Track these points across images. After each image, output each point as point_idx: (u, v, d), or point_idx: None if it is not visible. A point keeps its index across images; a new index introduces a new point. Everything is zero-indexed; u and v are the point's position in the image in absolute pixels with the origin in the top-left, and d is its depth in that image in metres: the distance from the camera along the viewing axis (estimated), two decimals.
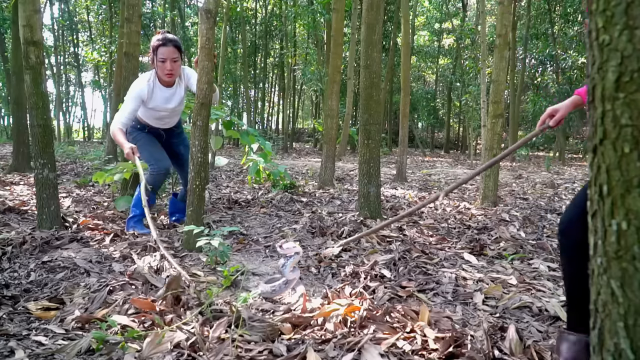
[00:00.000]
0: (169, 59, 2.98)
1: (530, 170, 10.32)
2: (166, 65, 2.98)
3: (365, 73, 3.65)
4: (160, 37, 3.00)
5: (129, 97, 3.01)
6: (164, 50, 2.96)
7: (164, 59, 2.97)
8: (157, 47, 2.97)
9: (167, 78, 3.05)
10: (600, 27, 0.78)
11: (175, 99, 3.18)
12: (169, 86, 3.14)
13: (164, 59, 2.97)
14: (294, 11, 14.87)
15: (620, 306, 0.78)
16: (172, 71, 3.01)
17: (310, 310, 1.82)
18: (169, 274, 2.23)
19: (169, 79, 3.07)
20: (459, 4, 20.07)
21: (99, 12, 18.80)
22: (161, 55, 2.97)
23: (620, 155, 0.76)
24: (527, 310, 1.95)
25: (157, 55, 2.97)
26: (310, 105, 26.77)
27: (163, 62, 2.98)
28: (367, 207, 3.69)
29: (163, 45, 2.96)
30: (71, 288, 2.08)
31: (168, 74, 3.02)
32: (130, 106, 3.00)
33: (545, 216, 4.16)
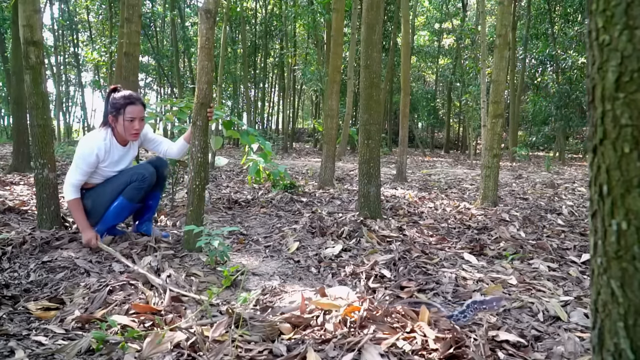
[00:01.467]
0: (138, 118, 2.76)
1: (530, 170, 10.32)
2: (134, 125, 2.76)
3: (365, 73, 3.65)
4: (126, 94, 2.77)
5: (82, 158, 2.69)
6: (132, 109, 2.73)
7: (133, 117, 2.74)
8: (124, 105, 2.72)
9: (133, 138, 2.82)
10: (600, 27, 0.78)
11: (127, 159, 2.93)
12: (124, 145, 2.89)
13: (132, 118, 2.74)
14: (294, 11, 14.87)
15: (620, 306, 0.78)
16: (139, 130, 2.80)
17: (310, 311, 1.82)
18: (169, 273, 2.23)
19: (135, 139, 2.85)
20: (459, 4, 20.07)
21: (99, 12, 18.81)
22: (129, 115, 2.72)
23: (620, 155, 0.76)
24: (527, 310, 1.95)
25: (125, 114, 2.72)
26: (310, 105, 26.77)
27: (131, 121, 2.74)
28: (367, 207, 3.69)
29: (131, 103, 2.73)
30: (71, 288, 2.08)
31: (135, 134, 2.79)
32: (84, 169, 2.70)
33: (545, 216, 4.16)
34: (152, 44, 18.10)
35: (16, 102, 6.71)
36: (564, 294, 2.14)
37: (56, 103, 20.47)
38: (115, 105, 2.74)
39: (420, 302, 2.01)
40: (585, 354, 1.53)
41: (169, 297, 1.91)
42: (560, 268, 2.59)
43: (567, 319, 1.86)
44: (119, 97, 2.75)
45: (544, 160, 12.84)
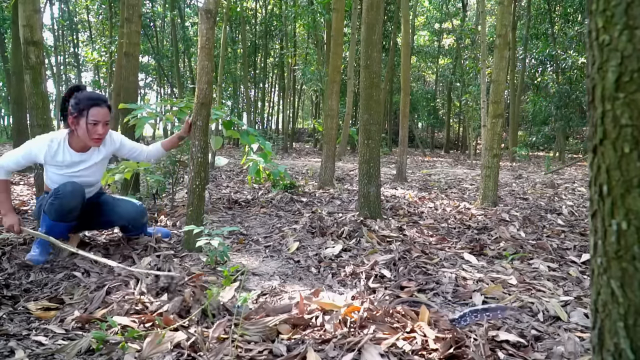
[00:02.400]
0: (102, 122, 2.49)
1: (530, 170, 10.32)
2: (97, 129, 2.49)
3: (365, 73, 3.65)
4: (92, 94, 2.51)
5: (23, 148, 2.48)
6: (97, 112, 2.46)
7: (97, 121, 2.47)
8: (88, 107, 2.45)
9: (95, 143, 2.54)
10: (600, 27, 0.78)
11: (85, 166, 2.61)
12: (83, 151, 2.60)
13: (96, 121, 2.47)
14: (294, 11, 14.87)
15: (620, 306, 0.78)
16: (102, 135, 2.52)
17: (309, 311, 1.82)
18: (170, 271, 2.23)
19: (97, 144, 2.57)
20: (459, 4, 20.07)
21: (99, 12, 18.81)
22: (93, 117, 2.45)
23: (620, 155, 0.76)
24: (527, 311, 1.95)
25: (88, 117, 2.45)
26: (310, 105, 26.77)
27: (95, 124, 2.47)
28: (367, 207, 3.69)
29: (96, 105, 2.46)
30: (71, 288, 2.08)
31: (97, 139, 2.51)
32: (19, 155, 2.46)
33: (545, 216, 4.16)
34: (152, 44, 18.10)
35: (16, 102, 6.71)
36: (564, 294, 2.14)
37: (56, 103, 20.47)
38: (77, 105, 2.46)
39: (418, 301, 2.01)
40: (585, 354, 1.53)
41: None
42: (560, 268, 2.59)
43: (567, 319, 1.86)
44: (82, 97, 2.48)
45: (544, 160, 12.84)
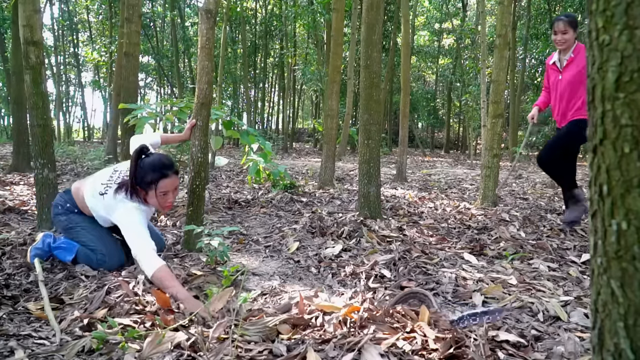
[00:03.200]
0: (171, 190, 2.34)
1: (530, 170, 10.32)
2: (168, 198, 2.33)
3: (365, 73, 3.65)
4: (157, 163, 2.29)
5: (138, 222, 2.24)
6: (166, 183, 2.29)
7: (167, 191, 2.31)
8: (157, 180, 2.27)
9: (167, 210, 2.47)
10: (600, 27, 0.78)
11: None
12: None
13: (166, 192, 2.31)
14: (294, 11, 14.87)
15: (620, 306, 0.78)
16: (172, 203, 2.39)
17: (309, 312, 1.82)
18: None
19: (168, 210, 2.52)
20: (459, 4, 20.06)
21: (99, 12, 18.81)
22: (163, 189, 2.29)
23: (620, 155, 0.76)
24: (527, 311, 1.95)
25: (158, 189, 2.28)
26: (310, 105, 26.77)
27: (165, 194, 2.31)
28: (367, 207, 3.69)
29: (164, 176, 2.28)
30: (71, 288, 2.08)
31: (169, 206, 2.37)
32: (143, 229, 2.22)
33: (545, 216, 4.16)
34: (152, 44, 18.10)
35: (16, 102, 6.71)
36: (564, 294, 2.14)
37: (56, 103, 20.47)
38: (144, 179, 2.27)
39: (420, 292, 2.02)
40: (585, 354, 1.53)
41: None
42: (560, 268, 2.59)
43: (567, 319, 1.86)
44: (148, 168, 2.27)
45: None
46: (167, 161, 2.33)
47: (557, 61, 3.57)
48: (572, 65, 3.46)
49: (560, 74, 3.53)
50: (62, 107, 22.04)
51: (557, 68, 3.57)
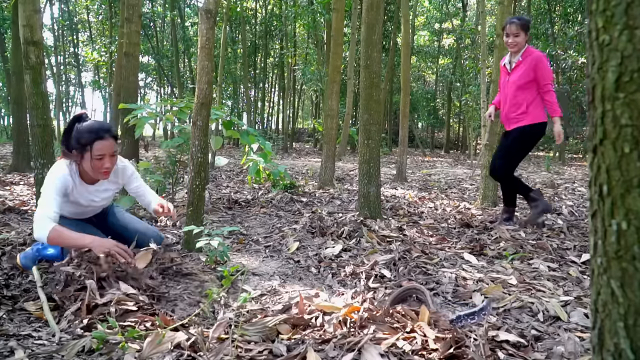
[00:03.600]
0: (108, 154, 2.27)
1: (530, 170, 10.32)
2: (104, 163, 2.27)
3: (365, 73, 3.65)
4: (94, 126, 2.26)
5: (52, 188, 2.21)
6: (102, 145, 2.23)
7: (102, 155, 2.25)
8: (91, 141, 2.22)
9: (104, 176, 2.35)
10: (600, 27, 0.78)
11: (97, 198, 2.47)
12: (93, 183, 2.43)
13: (101, 155, 2.25)
14: (294, 11, 14.86)
15: (620, 306, 0.78)
16: (110, 168, 2.32)
17: (309, 312, 1.82)
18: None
19: (105, 177, 2.37)
20: (459, 4, 20.06)
21: (99, 12, 18.81)
22: (98, 152, 2.23)
23: (620, 155, 0.76)
24: (527, 311, 1.95)
25: (93, 152, 2.23)
26: (310, 105, 26.77)
27: (100, 158, 2.25)
28: (367, 207, 3.69)
29: (100, 138, 2.23)
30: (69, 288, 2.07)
31: (105, 172, 2.31)
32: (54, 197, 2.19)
33: (545, 216, 4.15)
34: (152, 44, 18.11)
35: (16, 102, 6.71)
36: (564, 294, 2.14)
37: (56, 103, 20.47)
38: (80, 140, 2.24)
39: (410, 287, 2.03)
40: (585, 354, 1.53)
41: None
42: (560, 268, 2.59)
43: (567, 319, 1.86)
44: (84, 131, 2.25)
45: (544, 160, 12.84)
46: (105, 124, 2.31)
47: (507, 63, 3.63)
48: (520, 68, 3.50)
49: (509, 76, 3.59)
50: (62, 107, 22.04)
51: (507, 70, 3.62)
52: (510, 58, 3.60)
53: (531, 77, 3.46)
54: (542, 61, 3.43)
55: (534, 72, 3.45)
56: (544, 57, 3.47)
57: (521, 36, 3.46)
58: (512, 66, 3.57)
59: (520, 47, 3.49)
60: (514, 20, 3.49)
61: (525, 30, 3.46)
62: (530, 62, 3.45)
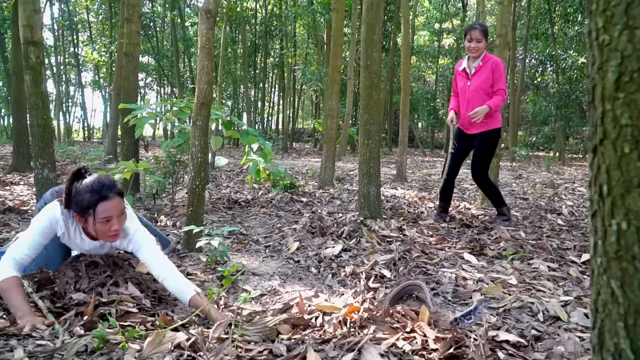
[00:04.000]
0: (115, 215, 1.93)
1: (530, 170, 10.32)
2: (112, 225, 1.93)
3: (365, 73, 3.65)
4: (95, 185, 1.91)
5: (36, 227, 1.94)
6: (106, 207, 1.90)
7: (109, 217, 1.91)
8: (94, 204, 1.88)
9: (113, 240, 2.02)
10: (600, 27, 0.78)
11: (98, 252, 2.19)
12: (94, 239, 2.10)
13: (108, 218, 1.91)
14: (294, 11, 14.87)
15: (620, 306, 0.78)
16: (119, 230, 1.96)
17: (309, 312, 1.82)
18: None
19: (114, 240, 2.03)
20: (459, 4, 20.07)
21: (99, 12, 18.82)
22: (103, 215, 1.89)
23: (620, 155, 0.76)
24: (527, 311, 1.95)
25: (97, 215, 1.89)
26: (310, 105, 26.77)
27: (107, 221, 1.91)
28: (367, 207, 3.69)
29: (104, 198, 1.89)
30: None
31: (114, 235, 1.97)
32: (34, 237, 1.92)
33: (545, 216, 4.16)
34: (152, 44, 18.11)
35: (16, 102, 6.72)
36: (564, 294, 2.14)
37: (56, 103, 20.48)
38: (80, 203, 1.90)
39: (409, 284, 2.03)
40: (585, 354, 1.53)
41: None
42: (560, 268, 2.59)
43: (567, 319, 1.86)
44: (84, 192, 1.90)
45: (544, 160, 12.84)
46: (107, 181, 1.96)
47: (466, 67, 3.69)
48: (481, 72, 3.59)
49: (469, 80, 3.65)
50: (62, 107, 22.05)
51: (466, 74, 3.68)
52: (469, 63, 3.67)
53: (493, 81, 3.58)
54: (500, 66, 3.58)
55: (492, 75, 3.56)
56: (502, 62, 3.63)
57: (483, 42, 3.56)
58: (471, 71, 3.64)
59: (480, 52, 3.59)
60: (476, 26, 3.59)
61: (486, 37, 3.57)
62: (491, 65, 3.56)
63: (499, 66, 3.55)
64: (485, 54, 3.61)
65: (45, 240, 1.97)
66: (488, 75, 3.56)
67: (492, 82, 3.56)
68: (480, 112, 3.52)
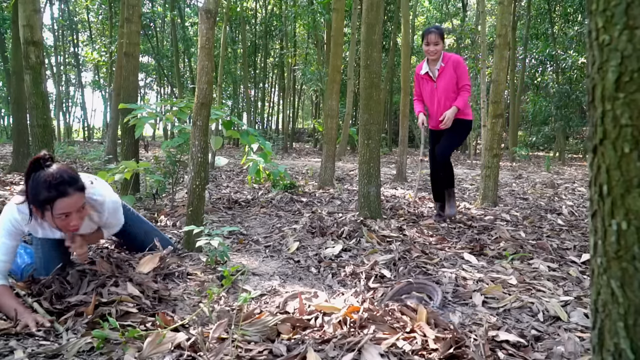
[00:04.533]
0: (74, 211, 1.86)
1: (530, 170, 10.32)
2: (70, 220, 1.87)
3: (365, 73, 3.65)
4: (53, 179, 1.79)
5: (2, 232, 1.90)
6: (65, 204, 1.81)
7: (67, 213, 1.84)
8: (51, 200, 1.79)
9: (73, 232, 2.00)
10: (600, 27, 0.78)
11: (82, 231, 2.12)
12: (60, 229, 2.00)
13: (66, 214, 1.84)
14: (294, 11, 14.87)
15: (620, 306, 0.78)
16: (79, 225, 1.91)
17: (309, 312, 1.82)
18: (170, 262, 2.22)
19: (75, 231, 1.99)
20: (459, 4, 20.07)
21: (99, 12, 18.83)
22: (61, 211, 1.82)
23: (620, 155, 0.76)
24: (527, 311, 1.95)
25: (54, 211, 1.81)
26: (310, 105, 26.77)
27: (65, 217, 1.85)
28: (367, 207, 3.69)
29: (62, 195, 1.79)
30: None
31: (73, 229, 1.92)
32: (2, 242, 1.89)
33: (545, 216, 4.16)
34: (152, 44, 18.11)
35: (16, 102, 6.72)
36: (564, 294, 2.14)
37: (56, 103, 20.49)
38: (37, 197, 1.81)
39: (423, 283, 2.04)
40: (585, 354, 1.53)
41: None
42: (560, 268, 2.59)
43: (567, 319, 1.86)
44: (42, 186, 1.79)
45: (544, 160, 12.84)
46: (67, 176, 1.83)
47: (428, 71, 3.73)
48: (446, 73, 3.65)
49: (435, 83, 3.71)
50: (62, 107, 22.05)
51: (430, 77, 3.74)
52: (430, 66, 3.72)
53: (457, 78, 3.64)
54: (461, 63, 3.64)
55: (455, 73, 3.62)
56: (462, 59, 3.68)
57: (440, 44, 3.61)
58: (435, 74, 3.70)
59: (439, 54, 3.65)
60: (433, 29, 3.64)
61: (443, 39, 3.62)
62: (452, 64, 3.63)
63: (460, 63, 3.62)
64: (444, 54, 3.67)
65: (16, 241, 1.92)
66: (452, 75, 3.63)
67: (456, 79, 3.63)
68: (450, 117, 3.59)
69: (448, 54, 3.68)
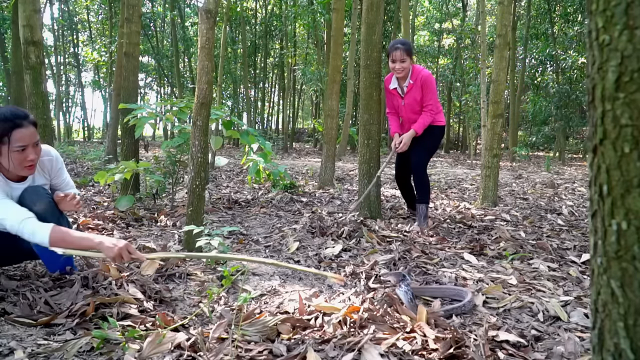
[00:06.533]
0: (30, 144, 1.92)
1: (530, 170, 10.32)
2: (27, 154, 1.91)
3: (365, 73, 3.65)
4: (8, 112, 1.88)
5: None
6: (21, 135, 1.88)
7: (24, 146, 1.89)
8: (8, 132, 1.86)
9: (28, 171, 1.98)
10: (600, 27, 0.78)
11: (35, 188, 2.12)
12: (21, 180, 2.06)
13: (23, 146, 1.89)
14: (294, 11, 14.87)
15: (620, 306, 0.78)
16: (35, 160, 1.96)
17: (309, 312, 1.82)
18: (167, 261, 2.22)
19: (30, 172, 2.00)
20: (459, 4, 20.07)
21: (99, 12, 18.84)
22: (18, 143, 1.87)
23: (620, 155, 0.76)
24: (527, 311, 1.95)
25: (11, 144, 1.86)
26: (310, 105, 26.77)
27: (22, 150, 1.89)
28: (367, 207, 3.69)
29: (18, 126, 1.87)
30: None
31: (30, 166, 1.95)
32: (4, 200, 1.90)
33: (545, 216, 4.16)
34: (152, 44, 18.11)
35: (16, 102, 6.72)
36: (564, 294, 2.14)
37: (56, 103, 20.49)
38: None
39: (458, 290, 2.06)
40: (585, 354, 1.53)
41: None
42: (560, 268, 2.59)
43: (567, 319, 1.86)
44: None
45: (544, 160, 12.84)
46: (21, 111, 1.93)
47: (397, 88, 3.59)
48: (414, 90, 3.51)
49: (403, 100, 3.59)
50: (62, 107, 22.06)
51: (399, 94, 3.60)
52: (400, 82, 3.57)
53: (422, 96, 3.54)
54: (430, 80, 3.46)
55: (422, 92, 3.49)
56: (431, 76, 3.52)
57: (407, 61, 3.40)
58: (404, 90, 3.55)
59: (407, 71, 3.46)
60: (398, 46, 3.41)
61: (410, 55, 3.42)
62: (420, 82, 3.46)
63: (427, 81, 3.44)
64: (414, 69, 3.48)
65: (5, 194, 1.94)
66: (419, 92, 3.49)
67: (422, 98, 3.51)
68: (406, 142, 3.50)
69: (418, 69, 3.49)
